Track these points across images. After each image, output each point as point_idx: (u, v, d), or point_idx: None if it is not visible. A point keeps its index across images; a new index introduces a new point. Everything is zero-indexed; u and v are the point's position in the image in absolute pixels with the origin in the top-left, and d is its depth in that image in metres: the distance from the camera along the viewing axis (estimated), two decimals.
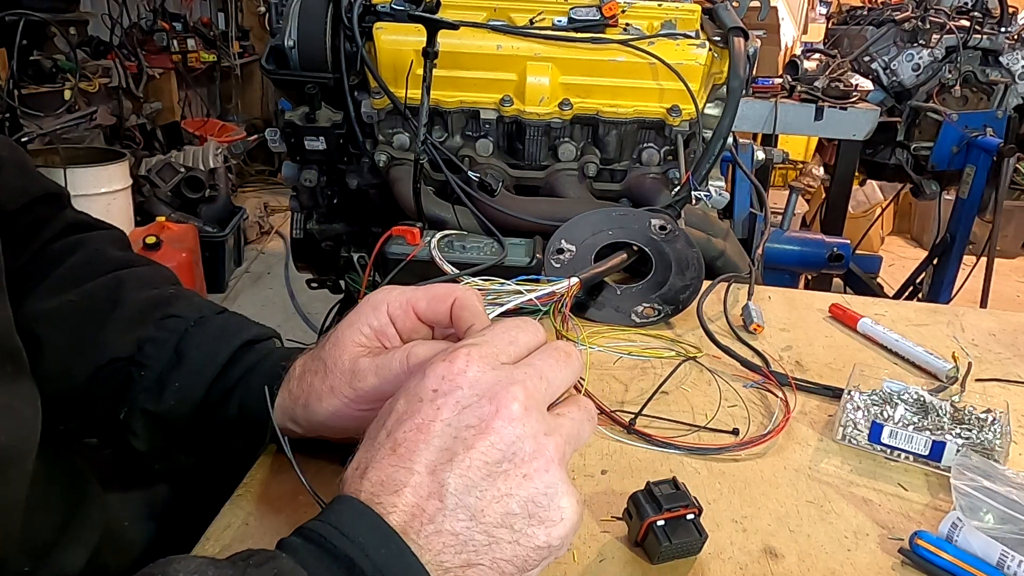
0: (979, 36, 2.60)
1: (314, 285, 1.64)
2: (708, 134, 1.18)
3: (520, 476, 0.39)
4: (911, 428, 0.63)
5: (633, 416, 0.67)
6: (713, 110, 1.24)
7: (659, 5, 1.21)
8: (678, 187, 1.10)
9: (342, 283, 1.53)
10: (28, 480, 0.45)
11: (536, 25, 1.16)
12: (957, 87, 2.62)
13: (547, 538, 0.39)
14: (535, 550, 0.39)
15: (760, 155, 1.58)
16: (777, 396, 0.73)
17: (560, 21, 1.16)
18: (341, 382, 0.50)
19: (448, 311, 0.51)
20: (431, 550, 0.37)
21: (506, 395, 0.40)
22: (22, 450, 0.44)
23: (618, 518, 0.53)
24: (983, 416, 0.65)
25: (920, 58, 2.65)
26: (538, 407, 0.41)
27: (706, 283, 0.92)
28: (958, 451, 0.61)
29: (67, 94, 3.07)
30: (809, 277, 2.45)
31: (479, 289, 0.73)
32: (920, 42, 2.66)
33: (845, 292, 2.74)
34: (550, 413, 0.42)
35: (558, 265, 0.91)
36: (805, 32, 4.94)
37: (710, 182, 1.14)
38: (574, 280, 0.79)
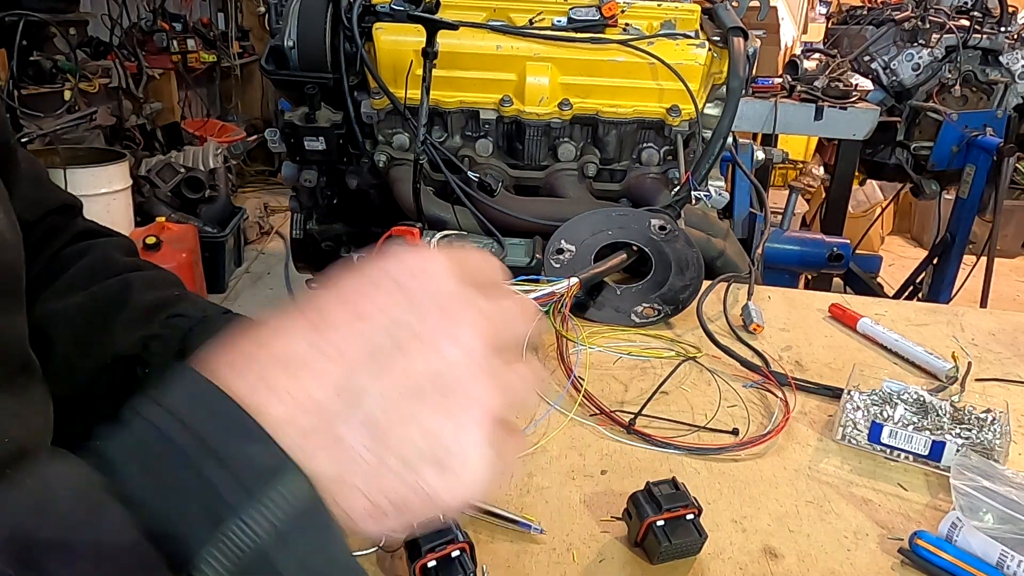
0: (979, 36, 2.60)
1: (314, 285, 1.64)
2: (708, 134, 1.18)
3: (438, 407, 0.33)
4: (911, 428, 0.63)
5: (633, 416, 0.67)
6: (713, 110, 1.24)
7: (659, 5, 1.21)
8: (678, 187, 1.10)
9: None
10: None
11: (536, 25, 1.16)
12: (957, 87, 2.62)
13: (437, 488, 0.32)
14: (419, 494, 0.32)
15: (760, 155, 1.58)
16: (777, 396, 0.73)
17: (560, 21, 1.16)
18: None
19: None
20: (302, 447, 0.30)
21: (464, 315, 0.34)
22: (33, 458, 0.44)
23: (618, 518, 0.53)
24: (983, 416, 0.65)
25: (920, 58, 2.65)
26: (491, 345, 0.35)
27: (706, 283, 0.92)
28: (958, 451, 0.61)
29: (67, 94, 3.07)
30: (809, 277, 2.45)
31: None
32: (920, 42, 2.66)
33: (845, 292, 2.74)
34: (500, 361, 0.35)
35: (558, 265, 0.91)
36: (805, 32, 4.94)
37: (710, 182, 1.14)
38: (574, 280, 0.79)
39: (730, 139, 1.31)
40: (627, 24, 1.19)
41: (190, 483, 0.28)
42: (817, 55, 2.88)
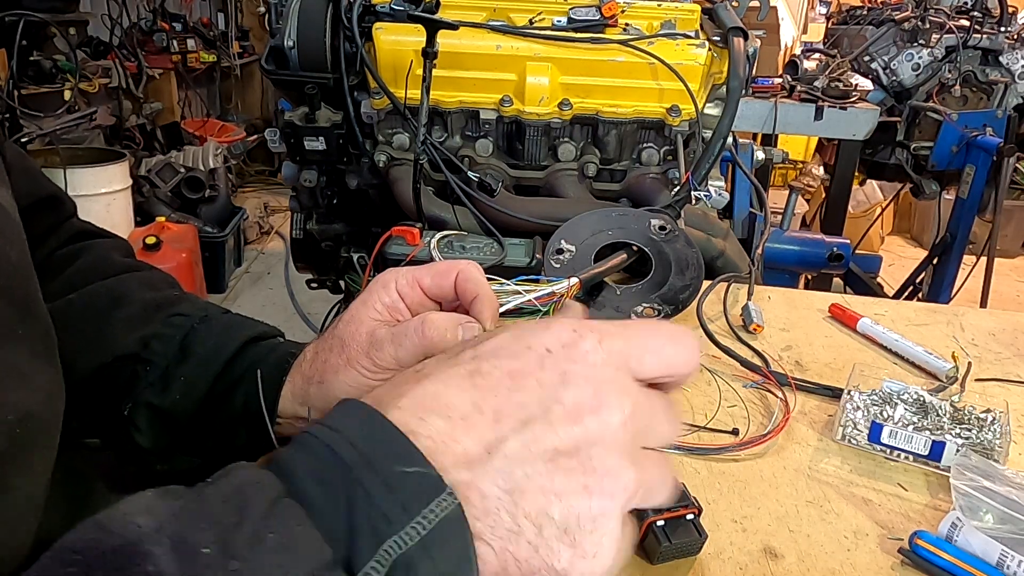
0: (979, 36, 2.60)
1: (314, 285, 1.64)
2: (708, 134, 1.18)
3: (580, 485, 0.33)
4: (911, 428, 0.63)
5: None
6: (713, 110, 1.24)
7: (659, 5, 1.21)
8: (678, 187, 1.10)
9: (342, 283, 1.53)
10: (50, 472, 0.45)
11: (536, 25, 1.16)
12: (957, 87, 2.62)
13: (567, 565, 0.33)
14: (548, 569, 0.33)
15: (760, 155, 1.58)
16: (777, 396, 0.73)
17: (560, 21, 1.16)
18: (359, 353, 0.51)
19: (452, 284, 0.52)
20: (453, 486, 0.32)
21: (614, 399, 0.34)
22: (47, 431, 0.44)
23: None
24: (983, 416, 0.65)
25: (920, 58, 2.65)
26: (637, 435, 0.35)
27: (706, 283, 0.92)
28: (958, 451, 0.61)
29: (67, 94, 3.07)
30: (809, 277, 2.45)
31: None
32: (920, 42, 2.66)
33: (845, 292, 2.74)
34: (642, 452, 0.36)
35: (558, 265, 0.91)
36: (805, 32, 4.94)
37: (710, 182, 1.14)
38: (574, 280, 0.79)
39: (730, 139, 1.32)
40: (627, 24, 1.19)
41: (359, 500, 0.30)
42: (817, 55, 2.88)
